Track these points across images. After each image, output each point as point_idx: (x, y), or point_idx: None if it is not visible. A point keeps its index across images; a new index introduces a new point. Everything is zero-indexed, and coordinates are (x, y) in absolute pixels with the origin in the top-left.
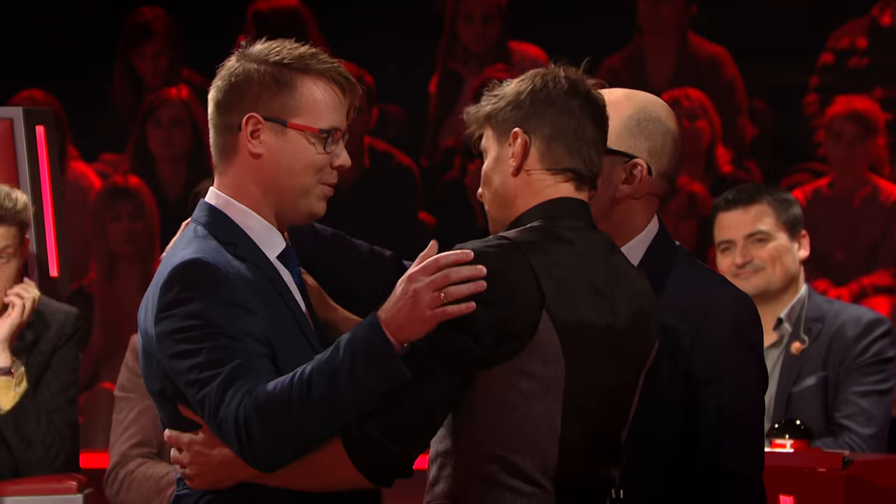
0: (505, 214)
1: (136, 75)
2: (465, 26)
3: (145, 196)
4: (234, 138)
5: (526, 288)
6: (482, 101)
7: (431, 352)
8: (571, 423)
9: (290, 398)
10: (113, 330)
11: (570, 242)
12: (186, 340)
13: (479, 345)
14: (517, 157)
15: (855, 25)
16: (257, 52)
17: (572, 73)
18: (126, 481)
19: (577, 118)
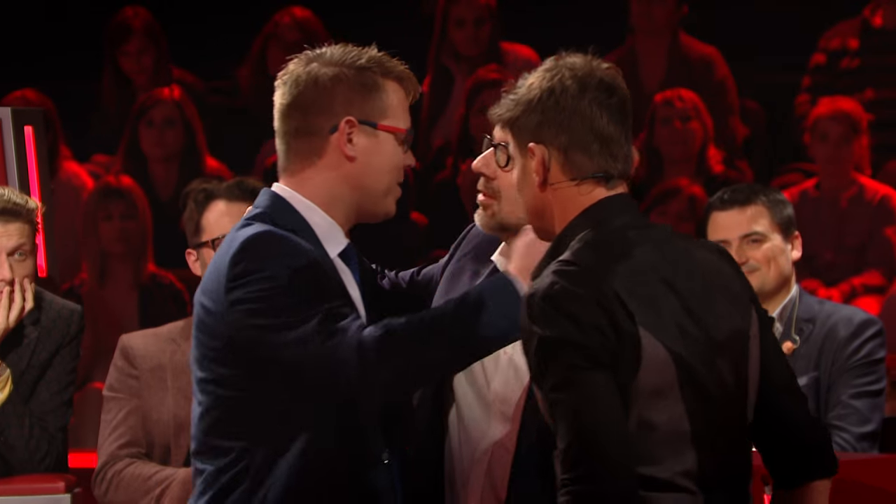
0: (544, 224)
1: (122, 74)
2: (457, 30)
3: (137, 196)
4: (321, 142)
5: (615, 310)
6: (503, 100)
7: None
8: (698, 421)
9: (418, 332)
10: (105, 330)
11: (631, 245)
12: (269, 298)
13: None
14: (539, 173)
15: (846, 26)
16: (335, 56)
17: (580, 64)
18: (114, 481)
19: (591, 118)
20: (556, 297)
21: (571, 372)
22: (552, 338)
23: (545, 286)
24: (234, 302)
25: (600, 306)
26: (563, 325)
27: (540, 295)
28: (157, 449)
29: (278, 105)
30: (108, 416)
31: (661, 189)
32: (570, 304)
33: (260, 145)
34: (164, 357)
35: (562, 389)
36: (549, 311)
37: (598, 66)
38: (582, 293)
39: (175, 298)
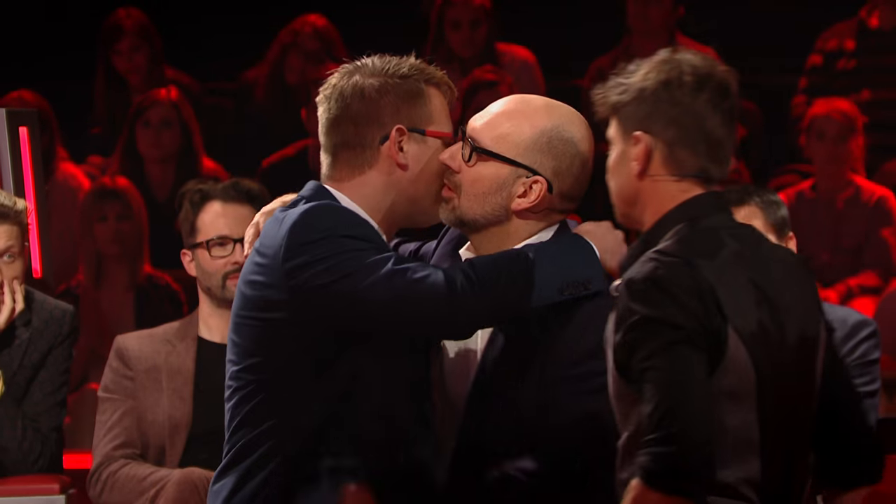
0: (632, 211)
1: (116, 74)
2: (453, 33)
3: (133, 197)
4: (372, 152)
5: (710, 305)
6: (610, 83)
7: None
8: (768, 430)
9: (503, 271)
10: (101, 331)
11: (723, 245)
12: (340, 254)
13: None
14: (640, 162)
15: (843, 27)
16: (377, 66)
17: (701, 61)
18: (109, 482)
19: (704, 118)
20: (659, 280)
21: (669, 345)
22: (653, 317)
23: (648, 270)
24: (297, 267)
25: (699, 298)
26: (665, 306)
27: (643, 277)
28: (151, 450)
29: (324, 119)
30: (102, 416)
31: None
32: (673, 289)
33: (258, 147)
34: (159, 358)
35: (656, 357)
36: (653, 292)
37: (717, 67)
38: (683, 282)
39: (171, 299)
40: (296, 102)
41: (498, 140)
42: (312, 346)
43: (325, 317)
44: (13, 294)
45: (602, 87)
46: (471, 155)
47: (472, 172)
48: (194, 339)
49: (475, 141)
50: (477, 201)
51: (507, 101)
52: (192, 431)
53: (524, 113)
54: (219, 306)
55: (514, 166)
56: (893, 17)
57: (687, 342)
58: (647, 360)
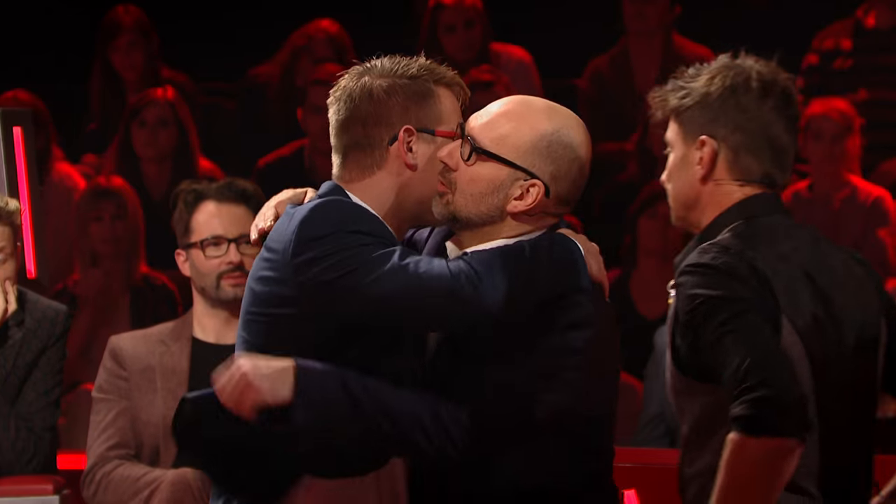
0: (690, 215)
1: (113, 71)
2: (448, 36)
3: (129, 197)
4: (382, 153)
5: (766, 293)
6: (668, 86)
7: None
8: (825, 422)
9: (506, 266)
10: (96, 331)
11: (779, 240)
12: (341, 252)
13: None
14: (705, 166)
15: (839, 27)
16: (386, 67)
17: (765, 68)
18: (103, 482)
19: (770, 124)
20: (718, 266)
21: (740, 313)
22: (718, 295)
23: (706, 258)
24: (306, 262)
25: (757, 282)
26: (728, 286)
27: (702, 264)
28: (146, 450)
29: (334, 121)
30: (97, 417)
31: (650, 191)
32: (732, 272)
33: (254, 147)
34: (153, 358)
35: (730, 324)
36: (713, 275)
37: (780, 73)
38: (741, 268)
39: (167, 300)
40: (297, 104)
41: (497, 141)
42: (321, 342)
43: (332, 312)
44: (6, 294)
45: (660, 89)
46: (470, 154)
47: (469, 172)
48: (188, 339)
49: (475, 140)
50: (472, 201)
51: (507, 102)
52: None
53: (525, 115)
54: (213, 306)
55: (512, 168)
56: (890, 17)
57: (755, 311)
58: (720, 328)
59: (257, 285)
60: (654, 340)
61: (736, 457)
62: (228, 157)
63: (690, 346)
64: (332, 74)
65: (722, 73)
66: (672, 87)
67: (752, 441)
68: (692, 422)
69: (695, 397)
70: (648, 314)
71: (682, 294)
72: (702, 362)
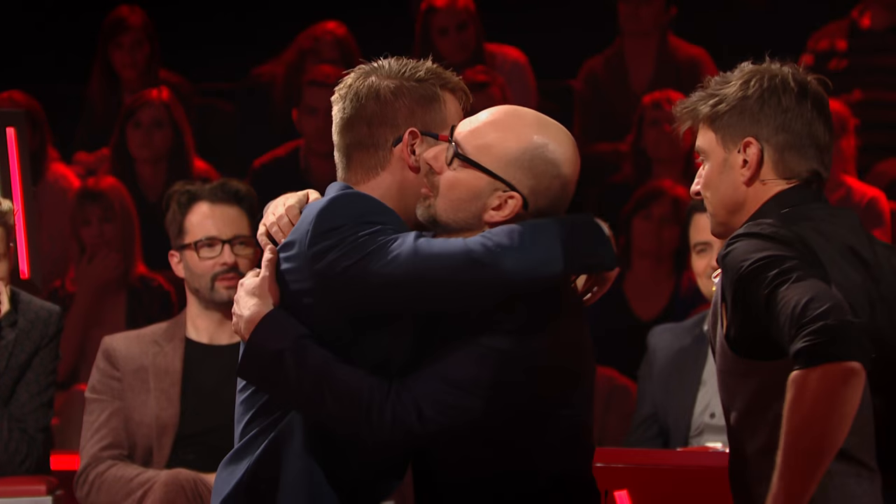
0: (733, 218)
1: (113, 73)
2: (442, 39)
3: (119, 198)
4: (385, 153)
5: (816, 263)
6: (696, 96)
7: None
8: (881, 394)
9: (527, 239)
10: (91, 332)
11: (822, 221)
12: (355, 239)
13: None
14: (752, 168)
15: (834, 27)
16: (394, 69)
17: (797, 71)
18: (96, 483)
19: (810, 122)
20: (764, 234)
21: (792, 268)
22: (768, 255)
23: (755, 230)
24: (324, 251)
25: (808, 251)
26: (778, 248)
27: (751, 232)
28: (139, 451)
29: (338, 119)
30: (90, 417)
31: (643, 191)
32: (778, 238)
33: (251, 147)
34: (146, 359)
35: (782, 275)
36: (759, 242)
37: (809, 77)
38: (790, 238)
39: (162, 300)
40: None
41: (481, 149)
42: (338, 332)
43: (352, 301)
44: None
45: (683, 102)
46: (452, 159)
47: (450, 177)
48: (182, 340)
49: (458, 146)
50: (451, 206)
51: (498, 111)
52: (179, 432)
53: (512, 126)
54: (207, 308)
55: (492, 178)
56: (885, 18)
57: (805, 268)
58: (772, 283)
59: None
60: (648, 341)
61: (799, 394)
62: (224, 158)
63: (744, 314)
64: (326, 76)
65: (756, 77)
66: (699, 96)
67: (816, 371)
68: (744, 403)
69: (749, 378)
70: (643, 315)
71: (730, 263)
72: (757, 332)
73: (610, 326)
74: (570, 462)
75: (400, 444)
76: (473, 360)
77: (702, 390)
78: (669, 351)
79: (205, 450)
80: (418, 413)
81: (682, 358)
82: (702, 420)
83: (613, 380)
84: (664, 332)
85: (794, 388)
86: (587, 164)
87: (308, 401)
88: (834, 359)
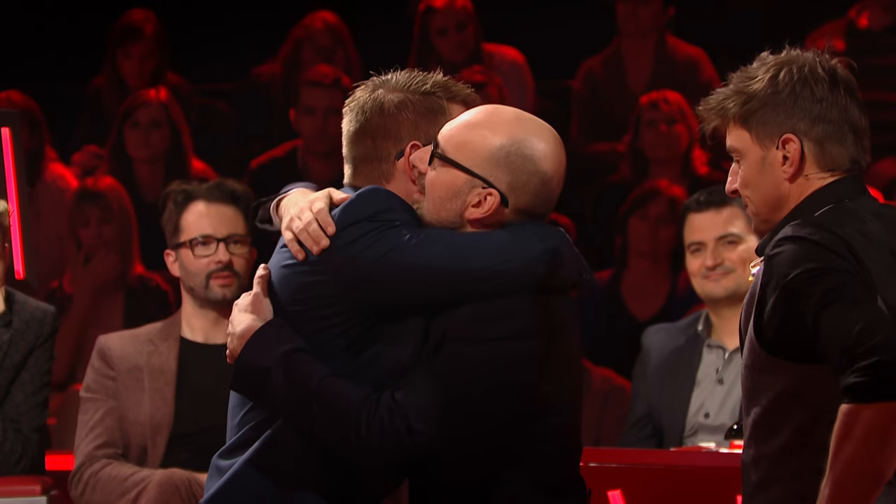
0: (776, 215)
1: (120, 78)
2: (441, 39)
3: (118, 198)
4: (389, 166)
5: (864, 272)
6: (719, 94)
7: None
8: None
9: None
10: (88, 332)
11: (865, 220)
12: (379, 232)
13: None
14: (794, 164)
15: (832, 27)
16: (400, 82)
17: (822, 58)
18: (91, 482)
19: (845, 108)
20: (819, 240)
21: (843, 284)
22: (820, 267)
23: (805, 232)
24: (348, 244)
25: (856, 260)
26: (830, 258)
27: (802, 237)
28: (133, 450)
29: (346, 132)
30: (84, 416)
31: (640, 191)
32: (833, 247)
33: (250, 148)
34: (141, 358)
35: (834, 292)
36: (814, 248)
37: (833, 61)
38: (837, 244)
39: (160, 300)
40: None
41: (458, 148)
42: (349, 326)
43: (376, 293)
44: None
45: (707, 101)
46: (432, 159)
47: (432, 176)
48: (177, 339)
49: (438, 146)
50: (434, 206)
51: (478, 110)
52: (173, 432)
53: (489, 124)
54: (202, 306)
55: (469, 175)
56: (883, 18)
57: (856, 282)
58: (823, 299)
59: (295, 276)
60: (642, 341)
61: (850, 427)
62: (222, 159)
63: (784, 320)
64: (324, 75)
65: (785, 69)
66: (724, 94)
67: (868, 409)
68: (767, 402)
69: (776, 377)
70: (640, 315)
71: (777, 266)
72: (797, 338)
73: (607, 327)
74: (558, 465)
75: (391, 457)
76: (462, 368)
77: (696, 390)
78: (664, 351)
79: (199, 449)
80: (408, 426)
81: (677, 358)
82: (696, 420)
83: (610, 380)
84: (658, 331)
85: (846, 421)
86: (584, 164)
87: (298, 416)
88: (888, 398)
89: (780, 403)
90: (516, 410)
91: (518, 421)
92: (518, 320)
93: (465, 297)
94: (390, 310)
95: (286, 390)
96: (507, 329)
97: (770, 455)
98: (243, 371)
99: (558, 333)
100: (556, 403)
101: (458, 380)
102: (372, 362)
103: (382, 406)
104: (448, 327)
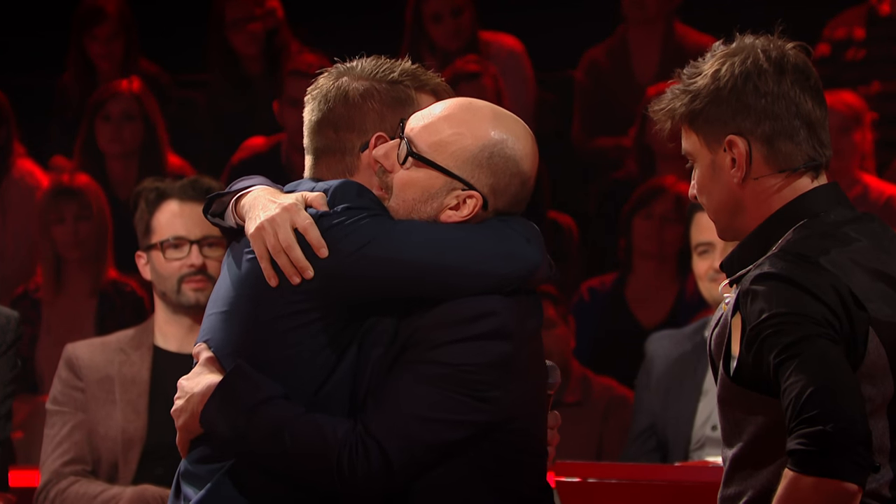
0: (737, 222)
1: (89, 64)
2: (435, 26)
3: (94, 196)
4: (353, 159)
5: (850, 304)
6: (668, 94)
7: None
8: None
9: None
10: (59, 339)
11: (851, 241)
12: (357, 223)
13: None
14: (741, 167)
15: (852, 15)
16: (366, 70)
17: (769, 45)
18: (57, 500)
19: (795, 101)
20: (795, 279)
21: (812, 336)
22: (790, 312)
23: (781, 269)
24: (337, 228)
25: (838, 297)
26: (803, 302)
27: (777, 274)
28: (103, 466)
29: (307, 121)
30: (51, 430)
31: (644, 189)
32: (808, 286)
33: (231, 142)
34: (111, 368)
35: (798, 346)
36: (786, 289)
37: (786, 47)
38: (819, 280)
39: (134, 306)
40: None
41: (436, 147)
42: (328, 322)
43: (358, 286)
44: None
45: (658, 101)
46: (406, 158)
47: (404, 176)
48: (150, 347)
49: (412, 144)
50: (405, 207)
51: (451, 105)
52: (146, 446)
53: (468, 122)
54: (175, 312)
55: (449, 177)
56: None
57: (828, 338)
58: (787, 350)
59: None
60: (646, 348)
61: (790, 493)
62: (200, 154)
63: (756, 362)
64: (309, 65)
65: (726, 63)
66: (673, 94)
67: (807, 479)
68: (749, 438)
69: (756, 413)
70: (645, 321)
71: (750, 304)
72: (767, 376)
73: (609, 333)
74: (521, 471)
75: (376, 491)
76: (428, 384)
77: (703, 401)
78: (668, 359)
79: (174, 464)
80: (384, 460)
81: (682, 366)
82: (703, 433)
83: (612, 389)
84: (663, 338)
85: (785, 486)
86: (588, 159)
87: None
88: (828, 475)
89: (762, 440)
90: (486, 416)
91: (486, 427)
92: (494, 320)
93: (448, 296)
94: (366, 306)
95: (256, 449)
96: (483, 329)
97: (755, 498)
98: (210, 432)
99: (528, 334)
100: (521, 407)
101: (425, 398)
102: (346, 371)
103: (359, 445)
104: (419, 326)
